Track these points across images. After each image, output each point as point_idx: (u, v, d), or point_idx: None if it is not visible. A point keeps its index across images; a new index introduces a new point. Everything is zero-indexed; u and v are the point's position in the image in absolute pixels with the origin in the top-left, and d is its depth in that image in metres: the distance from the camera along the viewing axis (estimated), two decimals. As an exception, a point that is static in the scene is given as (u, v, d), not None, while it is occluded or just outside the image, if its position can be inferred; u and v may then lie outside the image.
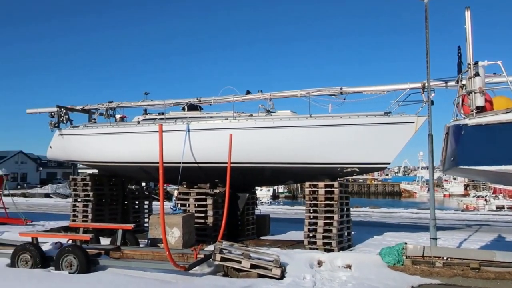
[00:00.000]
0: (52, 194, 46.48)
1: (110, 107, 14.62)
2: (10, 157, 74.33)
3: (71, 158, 15.97)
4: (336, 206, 11.09)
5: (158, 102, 14.04)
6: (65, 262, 9.01)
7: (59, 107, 14.72)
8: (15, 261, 9.43)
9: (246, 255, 9.04)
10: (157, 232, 11.27)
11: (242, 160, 11.95)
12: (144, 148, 12.75)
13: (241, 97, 12.90)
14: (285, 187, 64.48)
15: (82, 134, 14.56)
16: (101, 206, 14.72)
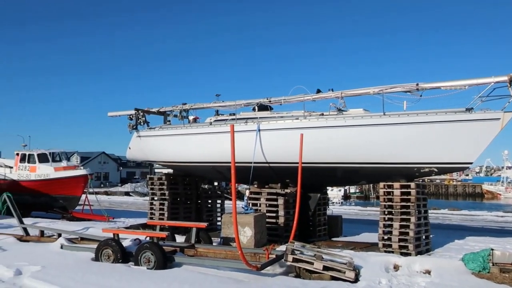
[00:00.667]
0: (131, 193, 49.07)
1: (183, 109, 15.07)
2: (93, 157, 79.52)
3: (148, 158, 16.69)
4: (413, 208, 10.57)
5: (229, 103, 14.25)
6: (144, 258, 9.41)
7: (137, 110, 15.44)
8: (98, 255, 10.01)
9: (319, 256, 8.88)
10: (229, 231, 11.44)
11: (313, 160, 11.79)
12: (216, 148, 13.01)
13: (311, 96, 12.72)
14: (357, 187, 62.91)
15: (158, 135, 15.15)
16: (176, 204, 15.24)
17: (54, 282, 8.17)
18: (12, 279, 8.80)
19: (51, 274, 8.77)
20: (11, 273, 9.04)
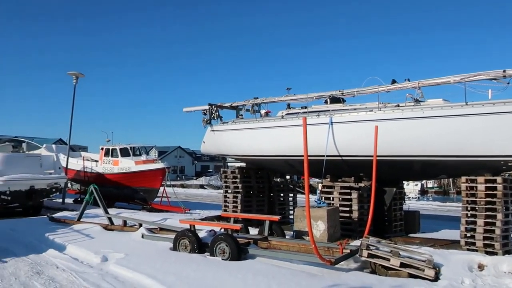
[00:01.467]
0: (205, 185, 50.61)
1: (255, 103, 15.22)
2: (170, 152, 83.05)
3: (221, 152, 17.09)
4: (500, 204, 9.85)
5: (300, 96, 14.16)
6: (219, 249, 9.66)
7: (211, 105, 15.84)
8: (176, 245, 10.43)
9: (395, 252, 8.58)
10: (302, 225, 11.40)
11: (389, 153, 11.39)
12: (288, 142, 13.01)
13: (386, 87, 12.27)
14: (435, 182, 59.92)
15: (231, 129, 15.45)
16: (249, 197, 15.48)
17: (136, 269, 8.64)
18: (99, 264, 9.45)
19: (133, 261, 9.29)
20: (99, 259, 9.71)
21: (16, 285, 7.87)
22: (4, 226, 13.92)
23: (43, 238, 12.10)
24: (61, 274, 8.67)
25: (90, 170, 22.92)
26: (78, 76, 21.64)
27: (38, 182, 17.42)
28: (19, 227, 13.86)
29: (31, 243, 11.77)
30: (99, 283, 8.03)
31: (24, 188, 16.97)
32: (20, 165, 17.47)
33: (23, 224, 14.38)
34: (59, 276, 8.55)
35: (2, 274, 8.66)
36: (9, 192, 16.64)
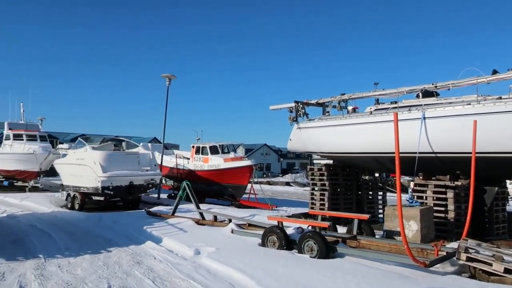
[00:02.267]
0: (291, 183, 50.66)
1: (342, 99, 14.95)
2: (256, 149, 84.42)
3: (308, 149, 17.02)
4: None
5: (390, 90, 13.65)
6: (307, 247, 9.64)
7: (297, 102, 15.85)
8: (264, 241, 10.59)
9: (499, 257, 7.94)
10: (392, 224, 10.99)
11: (489, 149, 10.56)
12: (377, 139, 12.60)
13: (486, 78, 11.38)
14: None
15: (317, 126, 15.33)
16: (336, 195, 15.26)
17: (227, 263, 8.92)
18: (192, 257, 9.90)
19: (224, 255, 9.60)
20: (192, 252, 10.18)
21: (119, 273, 8.52)
22: (108, 218, 15.14)
23: (142, 230, 12.96)
24: (158, 265, 9.22)
25: (182, 167, 24.12)
26: (170, 78, 22.84)
27: (136, 178, 18.69)
28: (120, 219, 14.99)
29: (131, 235, 12.67)
30: (193, 275, 8.41)
31: (124, 183, 18.30)
32: (121, 162, 18.86)
33: (124, 217, 15.52)
34: (156, 266, 9.11)
35: (108, 262, 9.43)
36: (112, 187, 18.05)
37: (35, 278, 8.08)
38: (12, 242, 11.74)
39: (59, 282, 7.82)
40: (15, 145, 29.59)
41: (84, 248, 10.93)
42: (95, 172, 18.10)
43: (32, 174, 28.38)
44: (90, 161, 18.57)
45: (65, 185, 21.56)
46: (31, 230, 13.57)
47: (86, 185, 18.88)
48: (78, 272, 8.55)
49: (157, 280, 8.03)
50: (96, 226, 14.41)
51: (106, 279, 8.07)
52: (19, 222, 15.43)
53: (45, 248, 10.81)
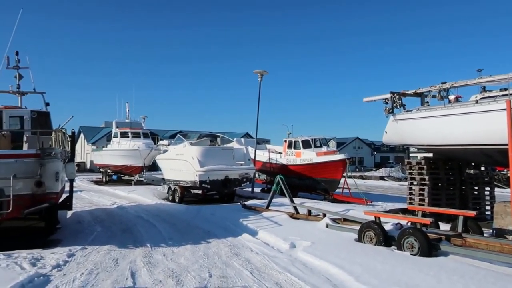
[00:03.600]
0: (385, 177, 48.85)
1: (443, 88, 14.01)
2: (348, 143, 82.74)
3: (405, 142, 16.24)
4: None
5: (499, 77, 12.48)
6: (406, 244, 9.23)
7: (393, 93, 15.18)
8: (361, 236, 10.34)
9: None
10: (504, 222, 10.11)
11: None
12: (484, 129, 11.62)
13: None
14: None
15: (416, 118, 14.54)
16: (437, 190, 14.38)
17: (323, 258, 8.85)
18: (288, 251, 9.98)
19: (319, 249, 9.53)
20: (287, 245, 10.26)
21: (219, 264, 8.85)
22: (206, 211, 15.82)
23: (238, 223, 13.35)
24: (255, 257, 9.42)
25: (275, 161, 24.40)
26: (262, 74, 23.17)
27: (231, 172, 19.28)
28: (217, 212, 15.59)
29: (228, 227, 13.11)
30: (289, 268, 8.47)
31: (220, 178, 18.97)
32: (217, 157, 19.57)
33: (220, 210, 16.11)
34: (253, 258, 9.31)
35: (207, 252, 9.85)
36: (209, 181, 18.81)
37: (143, 265, 8.69)
38: (122, 231, 12.76)
39: (165, 270, 8.32)
40: (122, 142, 32.14)
41: (185, 238, 11.53)
42: (193, 166, 18.99)
43: (137, 169, 30.61)
44: (189, 156, 19.51)
45: (166, 179, 22.93)
46: (138, 221, 14.64)
47: (185, 179, 19.88)
48: (181, 261, 9.04)
49: (254, 272, 8.21)
50: (195, 218, 15.12)
51: (207, 269, 8.42)
52: (127, 213, 16.73)
53: (151, 237, 11.59)
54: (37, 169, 10.18)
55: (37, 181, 10.17)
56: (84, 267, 8.43)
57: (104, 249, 10.06)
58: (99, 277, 7.82)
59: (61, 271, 8.17)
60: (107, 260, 9.07)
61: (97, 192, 26.30)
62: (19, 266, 8.15)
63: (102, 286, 7.28)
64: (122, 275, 7.92)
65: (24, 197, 10.12)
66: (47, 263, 8.57)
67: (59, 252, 9.52)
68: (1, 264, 8.23)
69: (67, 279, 7.62)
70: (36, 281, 7.40)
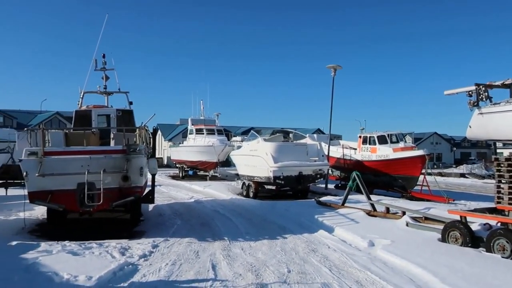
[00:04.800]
0: (467, 174, 46.09)
1: (536, 79, 12.88)
2: (425, 138, 79.14)
3: (491, 137, 15.11)
4: None
5: None
6: (497, 245, 8.66)
7: (478, 85, 14.20)
8: (445, 236, 9.85)
9: None
10: None
11: None
12: None
13: None
14: None
15: (504, 111, 13.52)
16: (530, 189, 13.29)
17: (404, 257, 8.55)
18: (366, 249, 9.76)
19: (400, 249, 9.22)
20: (365, 243, 10.03)
21: (296, 259, 8.86)
22: (281, 206, 15.90)
23: (313, 219, 13.27)
24: (333, 254, 9.32)
25: (349, 157, 23.93)
26: (336, 69, 22.78)
27: (305, 168, 19.18)
28: (292, 208, 15.61)
29: (303, 223, 13.08)
30: (369, 266, 8.28)
31: (294, 173, 18.95)
32: (290, 153, 19.57)
33: (295, 206, 16.11)
34: (331, 255, 9.21)
35: (284, 248, 9.90)
36: (283, 177, 18.87)
37: (223, 258, 8.92)
38: (201, 224, 13.20)
39: (244, 263, 8.49)
40: (197, 139, 33.22)
41: (262, 233, 11.67)
42: (267, 162, 19.15)
43: (211, 165, 31.49)
44: (262, 152, 19.70)
45: (240, 175, 23.33)
46: (215, 215, 15.06)
47: (259, 174, 20.11)
48: (259, 256, 9.16)
49: (333, 269, 8.11)
50: (270, 213, 15.25)
51: (285, 264, 8.47)
52: (204, 207, 17.26)
53: (228, 231, 11.87)
54: (124, 164, 10.81)
55: (124, 175, 10.81)
56: (168, 258, 8.82)
57: (185, 242, 10.46)
58: (182, 268, 8.14)
59: (147, 261, 8.62)
60: (189, 252, 9.42)
61: (174, 186, 27.43)
62: (110, 255, 8.72)
63: (186, 277, 7.58)
64: (204, 267, 8.19)
65: (113, 190, 10.80)
66: (134, 252, 9.08)
67: (144, 243, 10.05)
68: (95, 252, 8.85)
69: (153, 268, 8.03)
70: (126, 270, 7.87)
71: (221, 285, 7.14)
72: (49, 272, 7.34)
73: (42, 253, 8.59)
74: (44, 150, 10.56)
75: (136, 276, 7.58)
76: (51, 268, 7.53)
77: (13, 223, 12.72)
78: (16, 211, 14.27)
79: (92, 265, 7.88)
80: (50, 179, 10.45)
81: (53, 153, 10.81)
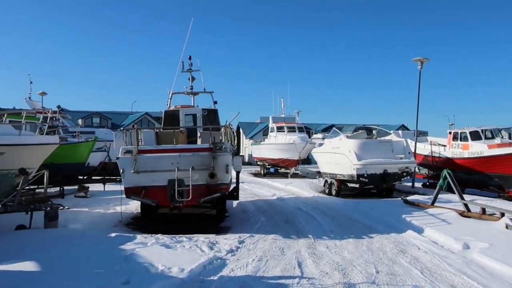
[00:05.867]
0: None
1: None
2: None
3: None
4: None
5: None
6: None
7: None
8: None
9: None
10: None
11: None
12: None
13: None
14: None
15: None
16: None
17: (505, 262, 7.94)
18: (461, 251, 9.18)
19: (500, 253, 8.57)
20: (459, 246, 9.44)
21: (384, 260, 8.59)
22: (365, 205, 15.49)
23: (401, 219, 12.77)
24: (424, 256, 8.89)
25: (438, 155, 22.68)
26: (423, 62, 21.70)
27: (391, 166, 18.50)
28: (377, 207, 15.14)
29: (390, 223, 12.64)
30: (465, 270, 7.80)
31: (378, 171, 18.37)
32: (374, 150, 18.99)
33: (380, 205, 15.61)
34: (422, 257, 8.80)
35: (371, 248, 9.65)
36: (367, 175, 18.38)
37: (308, 256, 8.90)
38: (284, 221, 13.28)
39: (330, 262, 8.40)
40: (278, 136, 33.47)
41: (346, 232, 11.48)
42: (350, 160, 18.77)
43: (292, 162, 31.55)
44: (345, 150, 19.34)
45: (322, 172, 23.10)
46: (298, 212, 15.07)
47: (342, 172, 19.77)
48: (345, 255, 9.01)
49: (425, 272, 7.75)
50: (354, 211, 14.94)
51: (373, 264, 8.24)
52: (287, 204, 17.34)
53: (312, 229, 11.83)
54: (211, 161, 11.20)
55: (211, 172, 11.20)
56: (254, 254, 8.99)
57: (270, 238, 10.59)
58: (269, 264, 8.25)
59: (234, 256, 8.85)
60: (274, 248, 9.53)
61: (257, 184, 27.86)
62: (199, 249, 9.08)
63: (273, 273, 7.67)
64: (290, 264, 8.23)
65: (200, 187, 11.24)
66: (221, 247, 9.37)
67: (231, 238, 10.33)
68: (185, 246, 9.27)
69: (240, 263, 8.23)
70: (215, 263, 8.15)
71: (308, 283, 7.13)
72: (145, 263, 7.82)
73: (138, 245, 9.16)
74: (138, 149, 11.27)
75: (225, 270, 7.81)
76: (147, 259, 8.01)
77: (111, 216, 13.71)
78: (113, 205, 15.35)
79: (183, 258, 8.25)
80: (144, 175, 11.13)
81: (146, 151, 11.50)
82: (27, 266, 7.21)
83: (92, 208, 15.08)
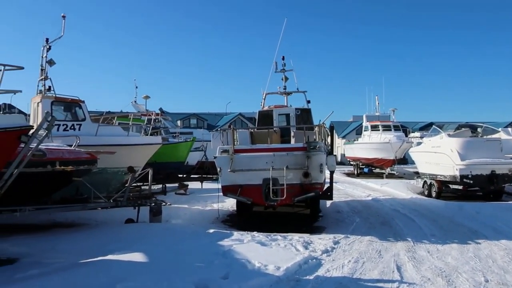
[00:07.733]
0: None
1: None
2: None
3: None
4: None
5: None
6: None
7: None
8: None
9: None
10: None
11: None
12: None
13: None
14: None
15: None
16: None
17: None
18: None
19: None
20: None
21: (494, 268, 7.92)
22: (470, 208, 14.46)
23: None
24: (541, 266, 8.06)
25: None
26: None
27: (499, 166, 17.04)
28: (484, 210, 14.07)
29: (500, 228, 11.64)
30: None
31: (485, 172, 17.00)
32: (480, 149, 17.62)
33: (487, 208, 14.47)
34: (538, 267, 7.98)
35: (478, 254, 8.95)
36: (471, 176, 17.11)
37: (408, 260, 8.50)
38: (381, 223, 12.84)
39: (432, 267, 7.95)
40: (373, 135, 32.48)
41: (449, 236, 10.79)
42: (452, 160, 17.61)
43: (388, 162, 30.42)
44: (447, 149, 18.19)
45: (421, 173, 21.96)
46: (395, 214, 14.48)
47: (443, 173, 18.62)
48: (449, 260, 8.47)
49: (545, 284, 7.02)
50: (457, 215, 13.98)
51: (481, 272, 7.65)
52: (383, 205, 16.75)
53: (411, 232, 11.29)
54: (305, 161, 11.21)
55: (305, 172, 11.21)
56: (350, 255, 8.82)
57: (366, 240, 10.31)
58: (365, 266, 8.04)
59: (330, 256, 8.75)
60: (370, 250, 9.26)
61: (350, 184, 27.27)
62: (294, 248, 9.13)
63: (370, 276, 7.46)
64: (388, 268, 7.94)
65: (294, 186, 11.30)
66: (316, 247, 9.32)
67: (325, 239, 10.24)
68: (280, 244, 9.38)
69: (336, 264, 8.12)
70: (310, 263, 8.13)
71: (408, 288, 6.83)
72: (242, 259, 8.04)
73: (235, 241, 9.45)
74: (234, 148, 11.63)
75: (320, 270, 7.76)
76: (244, 256, 8.23)
77: (208, 213, 14.33)
78: (211, 203, 16.02)
79: (278, 256, 8.35)
80: (240, 174, 11.47)
81: (242, 150, 11.83)
82: (136, 257, 7.78)
83: (191, 204, 15.87)
